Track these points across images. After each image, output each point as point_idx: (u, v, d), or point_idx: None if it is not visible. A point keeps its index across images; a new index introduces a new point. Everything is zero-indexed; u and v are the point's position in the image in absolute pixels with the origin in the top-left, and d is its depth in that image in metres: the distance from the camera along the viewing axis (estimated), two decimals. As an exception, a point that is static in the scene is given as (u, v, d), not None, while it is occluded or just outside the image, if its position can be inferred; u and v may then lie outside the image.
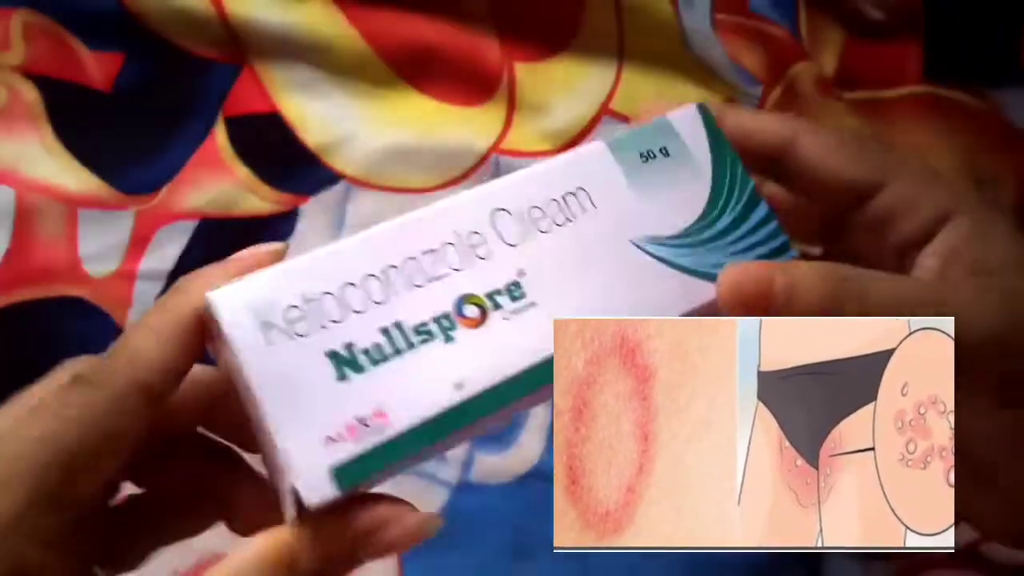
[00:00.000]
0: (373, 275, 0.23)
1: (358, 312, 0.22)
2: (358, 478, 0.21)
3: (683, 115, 0.26)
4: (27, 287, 0.38)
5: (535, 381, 0.23)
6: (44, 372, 0.37)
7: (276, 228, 0.40)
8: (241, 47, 0.40)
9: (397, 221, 0.24)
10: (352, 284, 0.23)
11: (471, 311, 0.23)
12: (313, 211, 0.40)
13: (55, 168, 0.39)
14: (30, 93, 0.39)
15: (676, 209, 0.25)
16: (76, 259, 0.39)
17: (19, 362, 0.38)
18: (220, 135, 0.40)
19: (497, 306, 0.23)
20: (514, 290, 0.24)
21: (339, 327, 0.22)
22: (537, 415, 0.39)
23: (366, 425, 0.22)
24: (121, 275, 0.39)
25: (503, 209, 0.24)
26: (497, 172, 0.41)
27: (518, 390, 0.23)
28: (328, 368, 0.22)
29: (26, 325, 0.38)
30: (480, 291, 0.24)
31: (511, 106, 0.41)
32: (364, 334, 0.22)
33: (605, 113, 0.42)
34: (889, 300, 0.22)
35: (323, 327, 0.22)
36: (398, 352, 0.22)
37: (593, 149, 0.25)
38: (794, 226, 0.26)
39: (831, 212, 0.26)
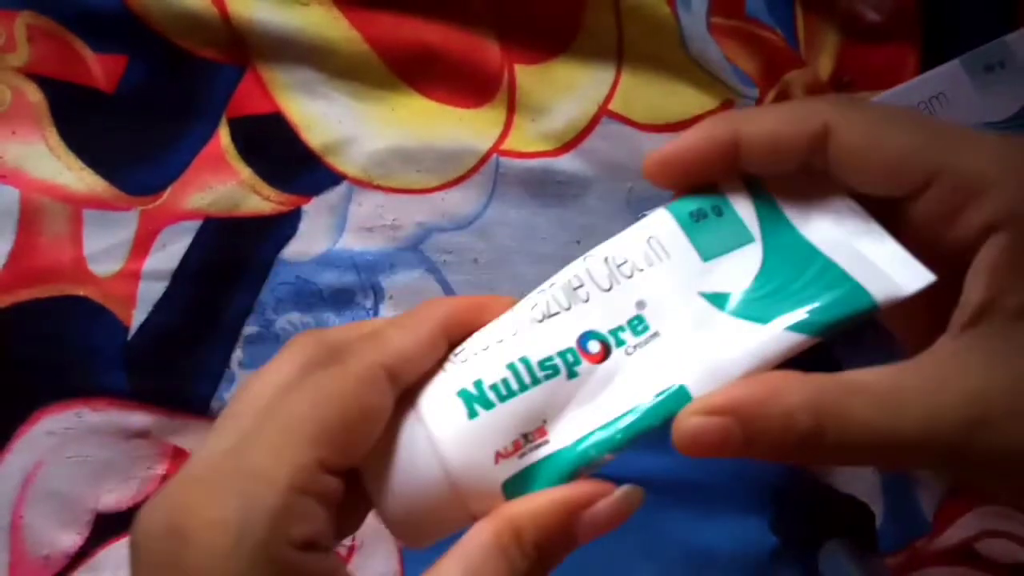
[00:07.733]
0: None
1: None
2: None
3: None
4: (32, 287, 0.39)
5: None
6: (49, 371, 0.38)
7: (279, 228, 0.40)
8: (244, 49, 0.40)
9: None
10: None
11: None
12: (315, 211, 0.41)
13: (59, 169, 0.39)
14: (34, 94, 0.39)
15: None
16: (81, 259, 0.39)
17: (24, 361, 0.38)
18: (224, 136, 0.40)
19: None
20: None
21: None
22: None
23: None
24: (125, 275, 0.39)
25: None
26: (497, 173, 0.41)
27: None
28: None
29: (31, 324, 0.38)
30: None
31: (511, 108, 0.42)
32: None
33: (604, 114, 0.42)
34: (873, 426, 0.21)
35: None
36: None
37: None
38: None
39: (884, 213, 0.24)
